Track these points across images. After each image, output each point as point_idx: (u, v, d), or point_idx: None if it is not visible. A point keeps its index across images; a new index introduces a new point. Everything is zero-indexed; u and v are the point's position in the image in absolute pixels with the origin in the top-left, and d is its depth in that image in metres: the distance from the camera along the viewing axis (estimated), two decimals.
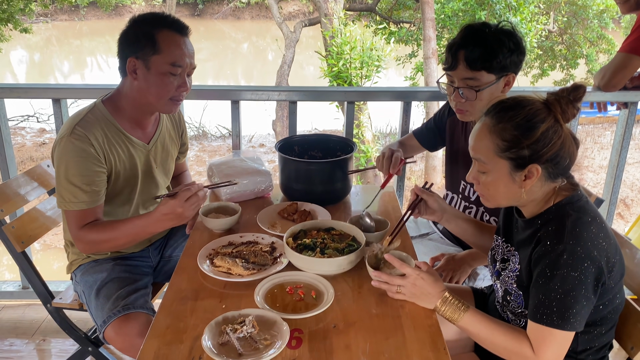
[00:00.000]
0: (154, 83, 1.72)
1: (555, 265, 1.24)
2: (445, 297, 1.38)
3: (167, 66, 1.70)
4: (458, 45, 1.74)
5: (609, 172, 2.57)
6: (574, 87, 1.29)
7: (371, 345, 1.29)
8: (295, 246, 1.61)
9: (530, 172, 1.29)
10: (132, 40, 1.71)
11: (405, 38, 9.50)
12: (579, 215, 1.28)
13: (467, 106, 1.79)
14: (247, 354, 1.25)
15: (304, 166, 1.98)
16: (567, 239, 1.25)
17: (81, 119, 1.73)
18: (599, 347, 1.42)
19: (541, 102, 1.30)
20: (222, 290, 1.51)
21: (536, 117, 1.27)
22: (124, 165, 1.82)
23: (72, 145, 1.68)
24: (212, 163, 2.10)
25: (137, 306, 1.75)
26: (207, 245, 1.70)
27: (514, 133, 1.28)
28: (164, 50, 1.69)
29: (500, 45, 1.70)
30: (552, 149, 1.27)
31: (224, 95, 2.41)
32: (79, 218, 1.73)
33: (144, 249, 2.05)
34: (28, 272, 1.98)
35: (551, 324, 1.25)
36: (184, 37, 1.75)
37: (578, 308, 1.24)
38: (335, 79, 7.54)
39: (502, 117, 1.30)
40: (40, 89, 2.38)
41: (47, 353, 2.41)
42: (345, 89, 2.49)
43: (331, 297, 1.43)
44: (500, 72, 1.73)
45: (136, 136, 1.84)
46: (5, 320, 2.61)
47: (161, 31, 1.70)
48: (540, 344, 1.27)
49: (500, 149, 1.30)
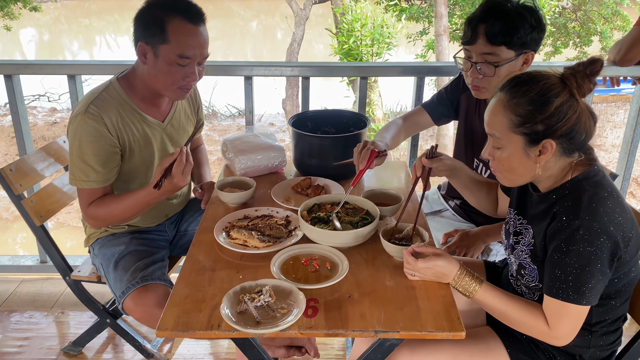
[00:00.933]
0: (161, 71, 1.70)
1: (571, 241, 1.25)
2: (460, 272, 1.39)
3: (175, 57, 1.67)
4: (478, 18, 1.71)
5: (623, 148, 2.56)
6: (591, 60, 1.27)
7: (386, 315, 1.32)
8: (310, 219, 1.63)
9: (545, 147, 1.28)
10: (144, 24, 1.68)
11: (416, 15, 9.38)
12: (596, 190, 1.28)
13: (484, 82, 1.77)
14: (264, 322, 1.28)
15: (317, 141, 1.99)
16: (584, 214, 1.25)
17: (96, 97, 1.74)
18: (613, 320, 1.43)
19: (556, 77, 1.28)
20: (238, 261, 1.54)
21: (550, 91, 1.26)
22: (139, 144, 1.83)
23: (86, 124, 1.69)
24: (226, 139, 2.12)
25: (155, 277, 1.78)
26: (223, 219, 1.72)
27: (527, 108, 1.27)
28: (173, 41, 1.65)
29: (522, 20, 1.68)
30: (566, 124, 1.26)
31: (237, 71, 2.41)
32: (89, 196, 1.76)
33: (160, 224, 2.08)
34: (47, 246, 2.02)
35: (567, 299, 1.26)
36: (197, 27, 1.68)
37: (594, 283, 1.25)
38: (346, 56, 7.49)
39: (516, 92, 1.29)
40: (56, 65, 2.40)
41: (65, 325, 2.47)
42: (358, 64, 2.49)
43: (346, 269, 1.45)
44: (520, 49, 1.71)
45: (151, 115, 1.85)
46: (25, 293, 2.67)
47: (172, 19, 1.64)
48: (555, 319, 1.29)
49: (514, 124, 1.29)
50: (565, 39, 11.43)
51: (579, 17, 11.52)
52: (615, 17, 11.15)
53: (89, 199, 1.76)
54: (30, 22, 19.07)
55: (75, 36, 21.46)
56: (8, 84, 2.39)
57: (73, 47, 20.36)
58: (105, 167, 1.74)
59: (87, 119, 1.69)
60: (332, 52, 7.97)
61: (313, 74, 2.39)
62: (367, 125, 2.05)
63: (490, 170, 1.92)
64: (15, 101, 2.40)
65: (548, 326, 1.30)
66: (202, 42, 1.70)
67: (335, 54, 7.75)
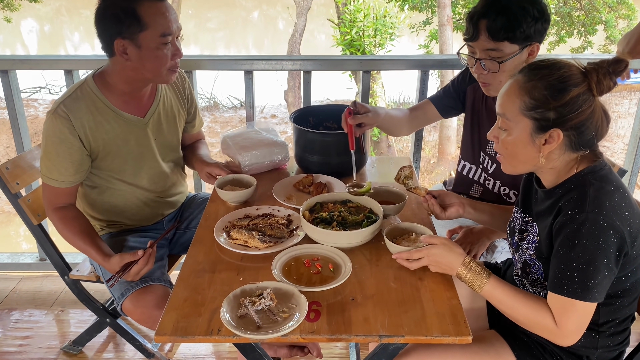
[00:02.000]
0: (148, 59, 1.68)
1: (577, 235, 1.22)
2: (466, 263, 1.36)
3: (158, 38, 1.66)
4: (479, 14, 1.66)
5: (631, 142, 2.51)
6: (615, 60, 1.25)
7: (390, 318, 1.28)
8: (312, 219, 1.59)
9: (552, 136, 1.26)
10: (113, 20, 1.64)
11: (419, 5, 9.29)
12: (602, 184, 1.26)
13: (489, 78, 1.73)
14: (265, 326, 1.25)
15: (319, 138, 1.95)
16: (589, 208, 1.22)
17: (68, 96, 1.73)
18: (621, 319, 1.40)
19: (578, 68, 1.26)
20: (239, 262, 1.50)
21: (569, 80, 1.23)
22: (116, 143, 1.80)
23: (53, 125, 1.70)
24: (226, 135, 2.07)
25: (154, 278, 1.75)
26: (223, 218, 1.69)
27: (543, 92, 1.24)
28: (151, 24, 1.63)
29: (524, 13, 1.63)
30: (579, 117, 1.23)
31: (237, 65, 2.36)
32: (51, 192, 1.77)
33: (158, 222, 2.05)
34: (45, 245, 1.99)
35: (572, 295, 1.23)
36: (164, 2, 1.68)
37: (600, 278, 1.22)
38: (348, 47, 7.42)
39: (536, 74, 1.26)
40: (52, 60, 2.35)
41: (65, 323, 2.45)
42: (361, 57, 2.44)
43: (349, 270, 1.41)
44: (524, 42, 1.66)
45: (129, 111, 1.81)
46: (24, 291, 2.65)
47: (141, 4, 1.63)
48: (562, 316, 1.26)
49: (526, 106, 1.26)
50: (570, 28, 11.32)
51: (583, 5, 11.39)
52: (620, 6, 11.03)
53: (51, 197, 1.78)
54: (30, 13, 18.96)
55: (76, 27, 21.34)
56: (4, 79, 2.36)
57: (74, 38, 20.27)
58: (68, 170, 1.74)
59: (55, 119, 1.70)
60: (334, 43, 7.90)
61: (315, 68, 2.34)
62: None
63: (496, 164, 1.89)
64: (11, 97, 2.36)
65: (555, 324, 1.26)
66: (175, 16, 1.70)
67: (338, 44, 7.68)
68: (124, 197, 1.91)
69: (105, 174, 1.85)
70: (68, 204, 1.80)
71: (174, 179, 2.03)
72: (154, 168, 1.92)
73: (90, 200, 1.91)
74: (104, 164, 1.82)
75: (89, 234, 1.75)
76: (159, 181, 1.96)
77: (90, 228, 1.78)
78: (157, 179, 1.95)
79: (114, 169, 1.84)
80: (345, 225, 1.58)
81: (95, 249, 1.71)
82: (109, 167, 1.83)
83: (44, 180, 1.77)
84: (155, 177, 1.94)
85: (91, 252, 1.72)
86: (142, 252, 1.63)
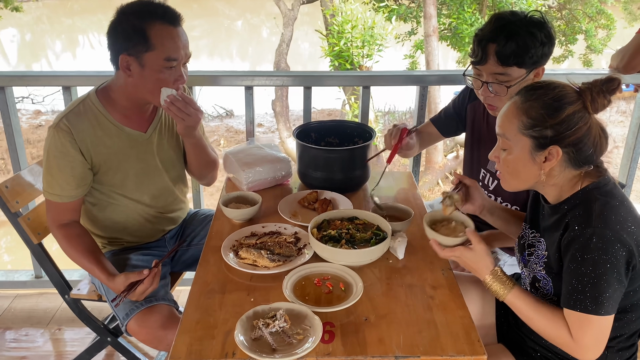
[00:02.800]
0: (149, 80, 1.67)
1: (586, 250, 1.24)
2: (495, 272, 1.38)
3: (162, 62, 1.65)
4: (488, 38, 1.66)
5: (625, 155, 2.55)
6: (608, 79, 1.28)
7: (404, 339, 1.29)
8: (320, 237, 1.59)
9: (551, 153, 1.29)
10: (122, 35, 1.64)
11: (404, 15, 9.36)
12: (607, 199, 1.29)
13: (495, 101, 1.74)
14: (281, 349, 1.24)
15: (323, 154, 1.95)
16: (596, 222, 1.25)
17: (70, 111, 1.73)
18: (629, 335, 1.42)
19: (572, 88, 1.30)
20: (248, 282, 1.50)
21: (564, 98, 1.28)
22: (117, 158, 1.79)
23: (55, 139, 1.69)
24: (228, 152, 2.07)
25: (159, 298, 1.73)
26: (229, 237, 1.68)
27: (540, 112, 1.28)
28: (158, 46, 1.63)
29: (533, 39, 1.64)
30: (575, 134, 1.27)
31: (238, 81, 2.36)
32: (53, 209, 1.76)
33: (159, 239, 2.03)
34: (45, 264, 1.96)
35: (585, 310, 1.25)
36: (177, 28, 1.67)
37: (611, 292, 1.24)
38: (337, 58, 7.45)
39: (532, 95, 1.31)
40: (51, 77, 2.32)
41: (62, 342, 2.41)
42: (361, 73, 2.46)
43: (360, 289, 1.41)
44: (531, 67, 1.68)
45: (131, 126, 1.80)
46: (19, 309, 2.60)
47: (152, 25, 1.62)
48: (578, 331, 1.27)
49: (524, 125, 1.30)
50: None
51: (564, 15, 11.59)
52: (599, 16, 11.24)
53: (54, 213, 1.77)
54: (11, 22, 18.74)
55: (58, 36, 21.13)
56: (0, 96, 2.31)
57: (56, 47, 20.07)
58: (70, 184, 1.72)
59: (57, 133, 1.69)
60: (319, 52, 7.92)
61: (316, 84, 2.35)
62: (373, 137, 2.02)
63: (497, 181, 1.91)
64: (8, 114, 2.33)
65: (572, 338, 1.28)
66: (185, 42, 1.70)
67: (326, 55, 7.70)
68: (125, 213, 1.89)
69: (106, 189, 1.83)
70: (72, 221, 1.78)
71: (175, 194, 2.01)
72: (155, 183, 1.91)
73: (91, 216, 1.89)
74: (105, 179, 1.81)
75: (93, 253, 1.73)
76: (160, 196, 1.95)
77: (95, 246, 1.76)
78: (158, 194, 1.94)
79: (115, 184, 1.83)
80: (353, 243, 1.59)
81: (100, 268, 1.70)
82: (111, 182, 1.82)
83: (46, 196, 1.75)
84: (156, 192, 1.93)
85: (95, 272, 1.70)
86: (147, 272, 1.62)
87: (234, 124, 12.40)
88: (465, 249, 1.41)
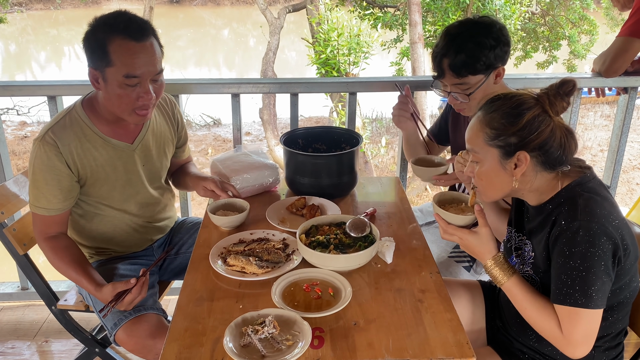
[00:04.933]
0: (113, 95, 1.65)
1: (573, 243, 1.27)
2: (496, 258, 1.39)
3: (122, 78, 1.60)
4: (441, 54, 1.78)
5: (609, 157, 2.58)
6: (562, 82, 1.33)
7: (394, 342, 1.29)
8: (309, 243, 1.60)
9: (519, 159, 1.33)
10: (89, 49, 1.63)
11: (390, 23, 9.43)
12: (590, 194, 1.32)
13: (463, 105, 1.85)
14: (270, 355, 1.24)
15: (310, 160, 1.95)
16: (582, 216, 1.27)
17: (56, 123, 1.72)
18: (615, 334, 1.44)
19: (530, 95, 1.35)
20: (237, 289, 1.49)
21: (522, 105, 1.32)
22: (104, 170, 1.78)
23: (40, 152, 1.68)
24: (216, 159, 2.07)
25: (147, 307, 1.72)
26: (218, 244, 1.68)
27: (501, 121, 1.33)
28: (116, 62, 1.59)
29: (480, 47, 1.73)
30: (539, 137, 1.31)
31: (225, 89, 2.36)
32: (40, 222, 1.75)
33: (147, 248, 2.02)
34: (31, 275, 1.94)
35: (575, 304, 1.27)
36: (141, 43, 1.61)
37: (599, 285, 1.26)
38: (324, 66, 7.48)
39: (492, 107, 1.36)
40: (35, 87, 2.30)
41: (49, 354, 2.38)
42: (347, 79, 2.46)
43: (349, 294, 1.42)
44: (487, 71, 1.76)
45: (117, 138, 1.79)
46: (5, 322, 2.56)
47: (113, 40, 1.58)
48: (568, 325, 1.29)
49: (489, 137, 1.34)
50: (535, 43, 11.65)
51: (547, 21, 11.73)
52: (582, 22, 11.40)
53: (41, 226, 1.75)
54: None
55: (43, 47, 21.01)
56: None
57: (41, 58, 19.94)
58: (57, 197, 1.71)
59: (43, 146, 1.67)
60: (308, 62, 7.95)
61: (302, 90, 2.35)
62: (360, 142, 2.02)
63: None
64: None
65: (562, 333, 1.29)
66: (149, 59, 1.63)
67: (313, 63, 7.73)
68: (113, 224, 1.88)
69: (93, 201, 1.82)
70: (59, 233, 1.76)
71: (162, 204, 2.01)
72: (142, 194, 1.90)
73: (78, 227, 1.88)
74: (92, 191, 1.80)
75: (80, 264, 1.71)
76: (148, 206, 1.94)
77: (82, 257, 1.74)
78: (145, 204, 1.93)
79: (102, 195, 1.82)
80: (342, 248, 1.59)
81: (87, 278, 1.68)
82: (97, 194, 1.81)
83: (32, 209, 1.73)
84: (143, 202, 1.92)
85: (83, 282, 1.69)
86: (134, 281, 1.60)
87: (222, 132, 12.39)
88: (469, 231, 1.43)
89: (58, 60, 19.62)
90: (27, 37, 22.03)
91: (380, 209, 1.92)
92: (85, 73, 1.69)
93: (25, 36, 22.10)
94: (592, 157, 10.83)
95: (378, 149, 9.74)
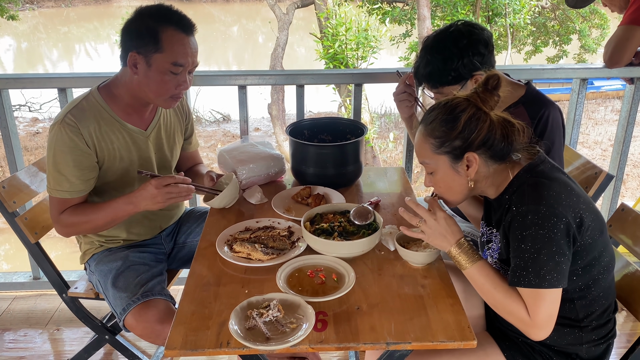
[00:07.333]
0: (153, 80, 1.71)
1: (523, 227, 1.30)
2: (461, 243, 1.41)
3: (169, 65, 1.69)
4: (416, 68, 1.82)
5: (615, 148, 2.58)
6: (486, 78, 1.39)
7: (396, 326, 1.31)
8: (313, 230, 1.62)
9: (469, 160, 1.37)
10: (135, 34, 1.69)
11: (398, 18, 9.42)
12: (537, 178, 1.35)
13: None
14: (274, 337, 1.26)
15: (316, 150, 1.98)
16: (528, 200, 1.31)
17: (74, 107, 1.75)
18: (600, 311, 1.45)
19: (461, 97, 1.40)
20: (243, 275, 1.52)
21: (457, 109, 1.37)
22: (119, 153, 1.82)
23: (62, 134, 1.71)
24: (222, 150, 2.10)
25: (156, 293, 1.76)
26: (224, 232, 1.71)
27: (441, 129, 1.38)
28: (167, 49, 1.67)
29: (446, 60, 1.73)
30: (480, 134, 1.35)
31: (231, 81, 2.39)
32: (61, 204, 1.77)
33: (156, 236, 2.05)
34: (42, 263, 1.98)
35: (529, 285, 1.29)
36: (189, 36, 1.72)
37: (552, 265, 1.28)
38: (332, 60, 7.49)
39: (429, 119, 1.41)
40: (46, 79, 2.35)
41: (61, 342, 2.43)
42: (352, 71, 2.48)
43: (352, 280, 1.44)
44: (461, 80, 1.75)
45: (132, 123, 1.84)
46: (18, 311, 2.62)
47: (166, 29, 1.67)
48: (533, 306, 1.31)
49: (435, 146, 1.39)
50: (545, 37, 11.58)
51: (557, 15, 11.65)
52: (593, 16, 11.32)
53: (61, 207, 1.78)
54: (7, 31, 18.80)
55: (54, 44, 21.18)
56: None
57: (52, 55, 20.11)
58: (79, 178, 1.74)
59: (64, 129, 1.70)
60: (317, 57, 7.96)
61: (307, 82, 2.38)
62: (365, 133, 2.04)
63: None
64: (4, 116, 2.35)
65: (529, 315, 1.31)
66: (194, 51, 1.75)
67: (321, 58, 7.74)
68: None
69: (107, 186, 1.86)
70: None
71: None
72: None
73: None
74: (107, 175, 1.83)
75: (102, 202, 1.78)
76: None
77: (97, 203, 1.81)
78: None
79: (117, 180, 1.85)
80: (346, 235, 1.61)
81: (119, 200, 1.74)
82: (112, 178, 1.84)
83: (53, 194, 1.76)
84: None
85: (119, 204, 1.73)
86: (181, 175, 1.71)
87: (231, 128, 12.45)
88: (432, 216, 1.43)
89: (69, 57, 19.77)
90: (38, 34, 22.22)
91: (384, 198, 1.95)
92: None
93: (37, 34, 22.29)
94: (603, 151, 10.75)
95: (386, 143, 9.75)
